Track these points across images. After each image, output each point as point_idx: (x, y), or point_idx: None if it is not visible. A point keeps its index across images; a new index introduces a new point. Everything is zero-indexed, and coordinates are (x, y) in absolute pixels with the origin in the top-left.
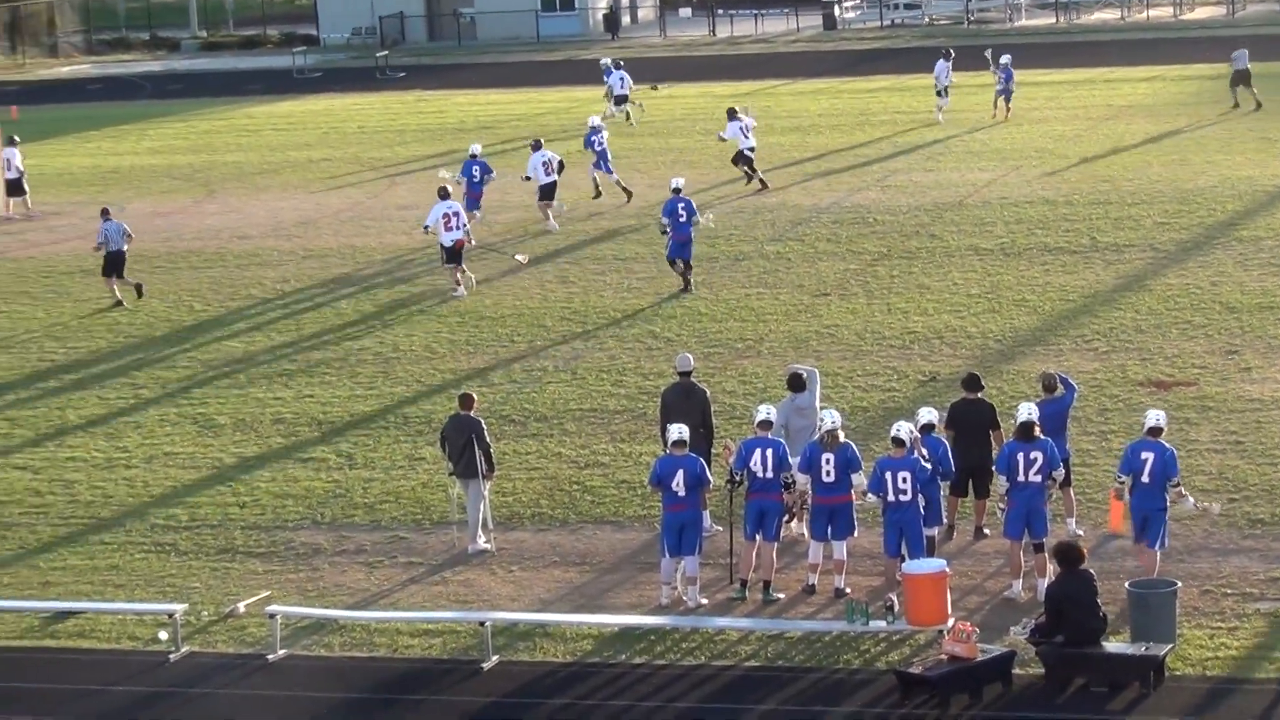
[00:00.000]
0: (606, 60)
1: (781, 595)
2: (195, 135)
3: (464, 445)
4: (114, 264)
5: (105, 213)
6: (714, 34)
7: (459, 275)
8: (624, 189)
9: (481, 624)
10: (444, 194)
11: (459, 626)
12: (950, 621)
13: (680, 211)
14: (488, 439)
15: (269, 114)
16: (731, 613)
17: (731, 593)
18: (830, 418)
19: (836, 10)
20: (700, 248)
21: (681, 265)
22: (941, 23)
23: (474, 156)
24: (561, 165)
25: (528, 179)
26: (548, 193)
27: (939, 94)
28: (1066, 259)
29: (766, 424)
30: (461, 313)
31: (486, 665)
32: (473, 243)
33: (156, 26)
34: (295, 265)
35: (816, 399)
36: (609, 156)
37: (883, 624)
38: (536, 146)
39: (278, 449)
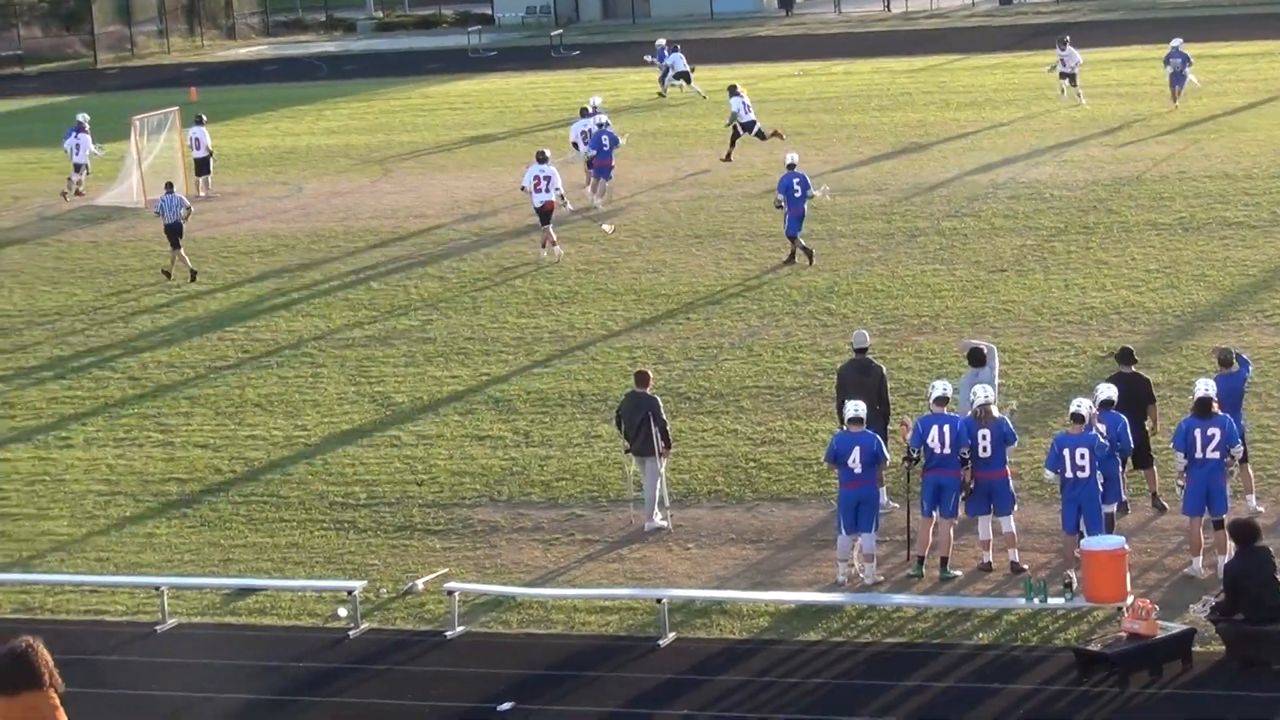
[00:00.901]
0: (661, 41)
1: (959, 572)
2: (371, 115)
3: (640, 423)
4: (171, 235)
5: (169, 186)
6: (889, 9)
7: (546, 238)
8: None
9: (658, 601)
10: (541, 157)
11: (636, 603)
12: (1130, 599)
13: (795, 187)
14: (664, 416)
15: (444, 93)
16: (908, 590)
17: (910, 570)
18: (984, 392)
19: None
20: (875, 224)
21: (797, 240)
22: None
23: (602, 126)
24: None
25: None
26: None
27: (1069, 79)
28: (1246, 233)
29: (943, 400)
30: (637, 290)
31: (663, 642)
32: (568, 207)
33: (333, 8)
34: (471, 244)
35: (996, 374)
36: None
37: (1061, 601)
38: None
39: (455, 427)
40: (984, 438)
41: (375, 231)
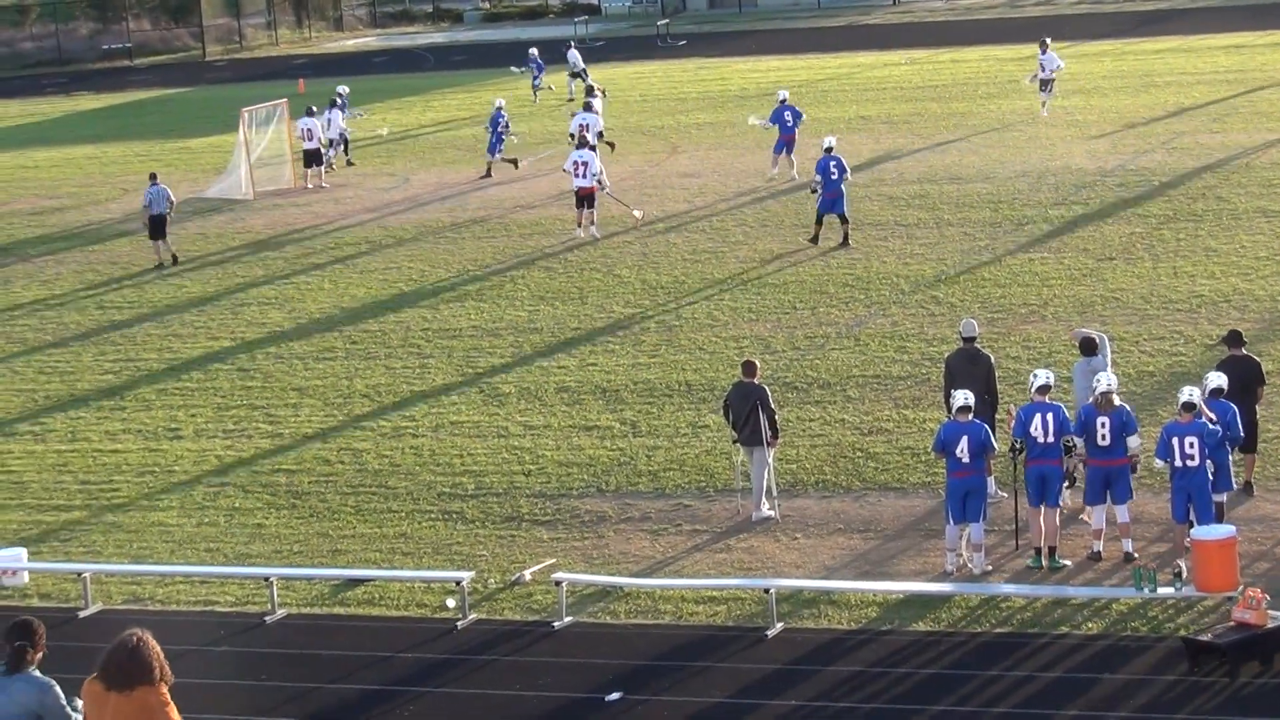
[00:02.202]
0: (534, 50)
1: (1068, 562)
2: (479, 106)
3: (749, 412)
4: (156, 227)
5: (153, 177)
6: None
7: (584, 219)
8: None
9: (766, 591)
10: (582, 143)
11: (743, 594)
12: (1240, 588)
13: (831, 169)
14: (772, 405)
15: (551, 83)
16: (1017, 579)
17: (1028, 561)
18: (1106, 380)
19: None
20: (983, 212)
21: (838, 220)
22: None
23: (783, 102)
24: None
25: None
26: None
27: (1046, 87)
28: None
29: (1045, 388)
30: (744, 280)
31: (771, 632)
32: (607, 189)
33: None
34: (577, 234)
35: (1109, 362)
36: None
37: (1170, 590)
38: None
39: (562, 417)
40: (1103, 425)
41: (482, 222)
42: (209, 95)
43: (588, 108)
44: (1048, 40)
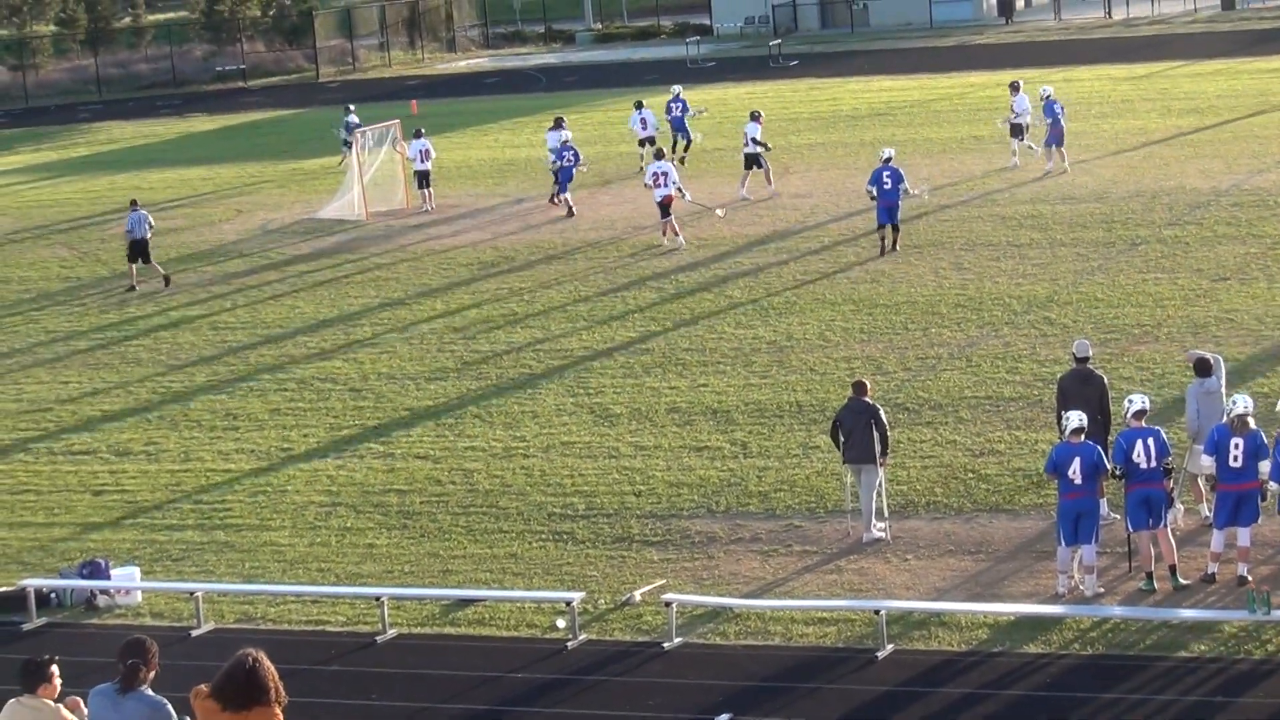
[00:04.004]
0: (351, 107)
1: (1187, 582)
2: (591, 126)
3: (859, 431)
4: (136, 250)
5: (134, 204)
6: (1109, 15)
7: (667, 228)
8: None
9: (876, 612)
10: (659, 154)
11: (854, 615)
12: None
13: (885, 179)
14: (885, 422)
15: (662, 104)
16: (1129, 601)
17: (1140, 584)
18: (1243, 402)
19: None
20: (1096, 232)
21: (890, 230)
22: None
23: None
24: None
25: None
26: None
27: (1018, 133)
28: None
29: (1141, 413)
30: (855, 300)
31: (881, 654)
32: (687, 198)
33: (552, 19)
34: (689, 254)
35: (1223, 384)
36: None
37: None
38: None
39: (673, 438)
40: (1236, 447)
41: (594, 243)
42: (322, 116)
43: (558, 124)
44: (1019, 82)
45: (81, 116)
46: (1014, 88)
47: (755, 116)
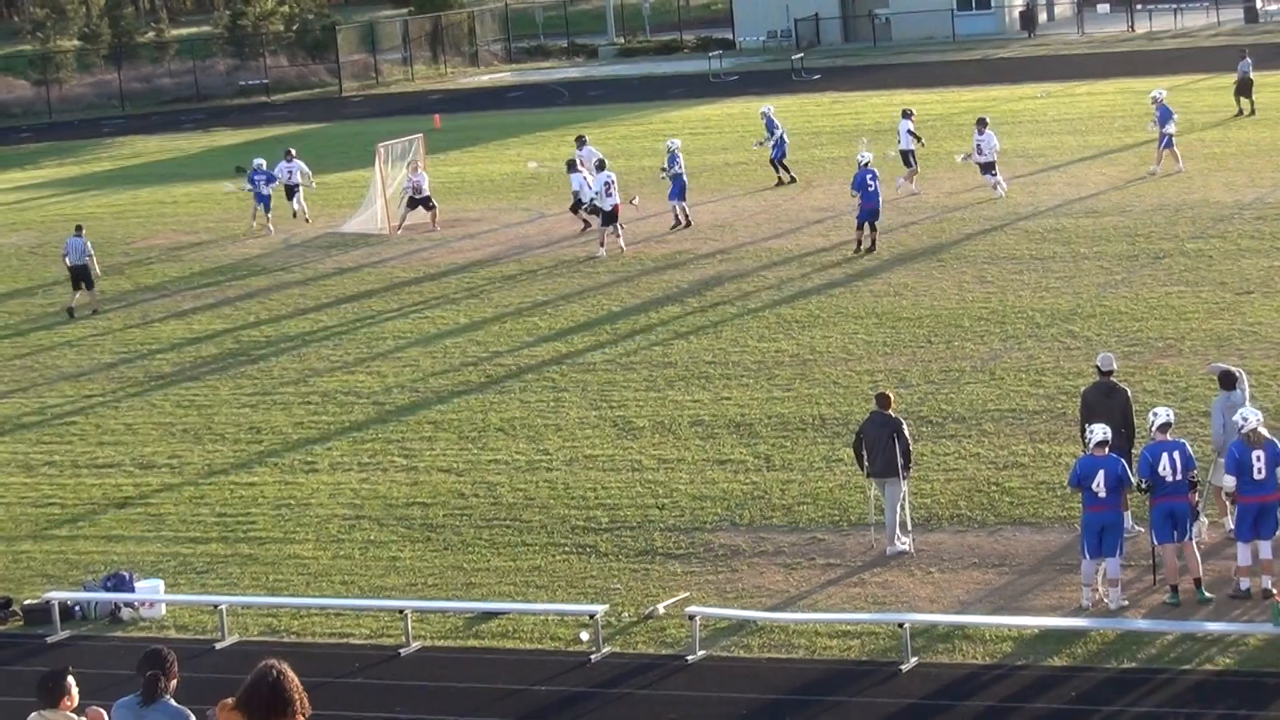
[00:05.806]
0: (260, 161)
1: (1213, 596)
2: (613, 140)
3: (882, 444)
4: (76, 276)
5: (78, 229)
6: (1133, 29)
7: (607, 237)
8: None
9: (900, 625)
10: (601, 165)
11: (877, 628)
12: None
13: (869, 182)
14: (908, 436)
15: (685, 118)
16: (1153, 614)
17: (1166, 599)
18: (1254, 416)
19: (1259, 2)
20: (1119, 246)
21: (868, 229)
22: None
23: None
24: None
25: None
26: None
27: (989, 170)
28: None
29: (1166, 426)
30: (878, 313)
31: (905, 667)
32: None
33: (575, 34)
34: (715, 267)
35: (1247, 397)
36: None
37: None
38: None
39: (696, 451)
40: (1258, 459)
41: (616, 257)
42: (345, 131)
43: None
44: (986, 119)
45: (105, 131)
46: (980, 125)
47: (907, 114)
